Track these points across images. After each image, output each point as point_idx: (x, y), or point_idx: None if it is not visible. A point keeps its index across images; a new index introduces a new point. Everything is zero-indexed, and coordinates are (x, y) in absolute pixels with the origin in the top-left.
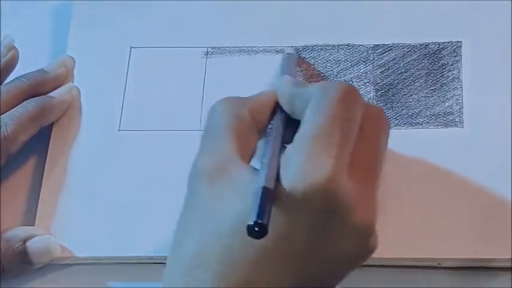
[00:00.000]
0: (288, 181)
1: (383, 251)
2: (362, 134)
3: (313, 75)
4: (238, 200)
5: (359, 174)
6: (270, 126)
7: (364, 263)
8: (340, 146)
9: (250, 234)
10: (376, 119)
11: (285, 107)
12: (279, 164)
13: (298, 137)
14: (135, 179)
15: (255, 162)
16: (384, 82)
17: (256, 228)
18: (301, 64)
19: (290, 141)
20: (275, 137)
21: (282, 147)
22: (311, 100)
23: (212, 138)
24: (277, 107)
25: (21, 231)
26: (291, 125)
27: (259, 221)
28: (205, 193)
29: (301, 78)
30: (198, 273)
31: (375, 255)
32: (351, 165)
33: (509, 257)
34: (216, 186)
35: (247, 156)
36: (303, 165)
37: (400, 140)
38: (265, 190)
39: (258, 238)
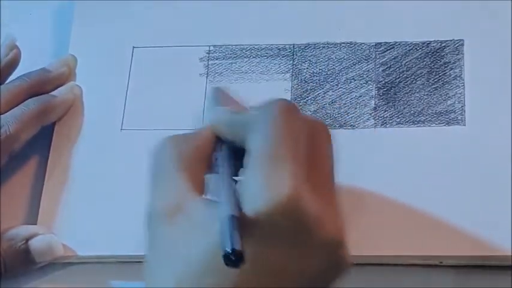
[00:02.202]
0: (251, 206)
1: (384, 249)
2: (311, 147)
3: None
4: (201, 235)
5: (317, 187)
6: (216, 158)
7: (360, 263)
8: (293, 160)
9: (228, 264)
10: (321, 132)
11: (228, 136)
12: (238, 192)
13: (249, 161)
14: (138, 178)
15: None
16: (385, 80)
17: (232, 257)
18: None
19: (238, 171)
20: (224, 167)
21: (233, 179)
22: (252, 123)
23: (162, 178)
24: (219, 139)
25: (24, 230)
26: (237, 154)
27: (236, 249)
28: (167, 233)
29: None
30: None
31: (376, 253)
32: (307, 179)
33: (510, 254)
34: (176, 225)
35: (199, 190)
36: (261, 188)
37: (402, 138)
38: (233, 218)
39: (236, 267)
